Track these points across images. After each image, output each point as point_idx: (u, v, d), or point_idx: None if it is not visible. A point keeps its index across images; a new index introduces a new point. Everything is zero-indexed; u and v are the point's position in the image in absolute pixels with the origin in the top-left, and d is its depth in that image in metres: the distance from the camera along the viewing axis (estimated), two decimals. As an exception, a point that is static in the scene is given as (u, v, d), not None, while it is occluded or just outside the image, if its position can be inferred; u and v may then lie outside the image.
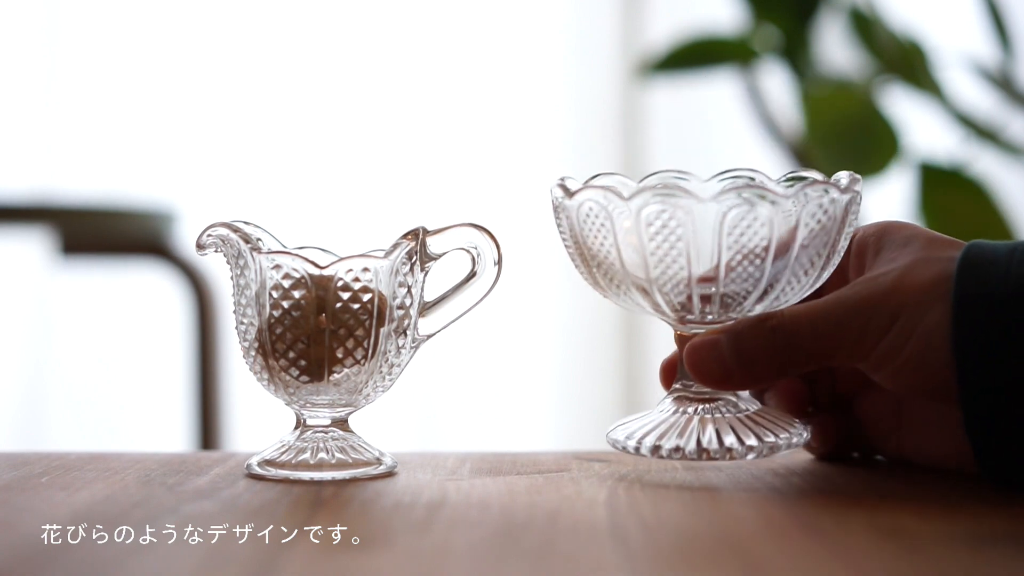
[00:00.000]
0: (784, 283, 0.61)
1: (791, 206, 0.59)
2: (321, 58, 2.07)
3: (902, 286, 0.59)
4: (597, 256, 0.62)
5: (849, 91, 1.52)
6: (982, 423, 0.58)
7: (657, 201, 0.59)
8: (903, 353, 0.59)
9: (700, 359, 0.61)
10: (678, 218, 0.59)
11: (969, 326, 0.57)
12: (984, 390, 0.57)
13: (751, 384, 0.63)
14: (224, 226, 0.64)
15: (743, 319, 0.61)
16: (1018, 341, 0.57)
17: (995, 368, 0.57)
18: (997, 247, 0.59)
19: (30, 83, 2.03)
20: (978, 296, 0.57)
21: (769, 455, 0.61)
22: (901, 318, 0.59)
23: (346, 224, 2.03)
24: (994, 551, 0.49)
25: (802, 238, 0.60)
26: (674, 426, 0.62)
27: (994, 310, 0.57)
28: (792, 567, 0.47)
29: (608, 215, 0.60)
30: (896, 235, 0.63)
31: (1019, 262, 0.58)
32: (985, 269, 0.58)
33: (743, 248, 0.59)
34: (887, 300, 0.59)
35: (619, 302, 0.64)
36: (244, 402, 1.85)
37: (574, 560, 0.49)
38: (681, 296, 0.61)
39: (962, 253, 0.59)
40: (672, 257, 0.60)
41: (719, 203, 0.59)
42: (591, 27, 2.14)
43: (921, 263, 0.60)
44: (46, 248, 1.73)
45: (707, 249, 0.59)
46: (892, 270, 0.60)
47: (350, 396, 0.64)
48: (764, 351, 0.60)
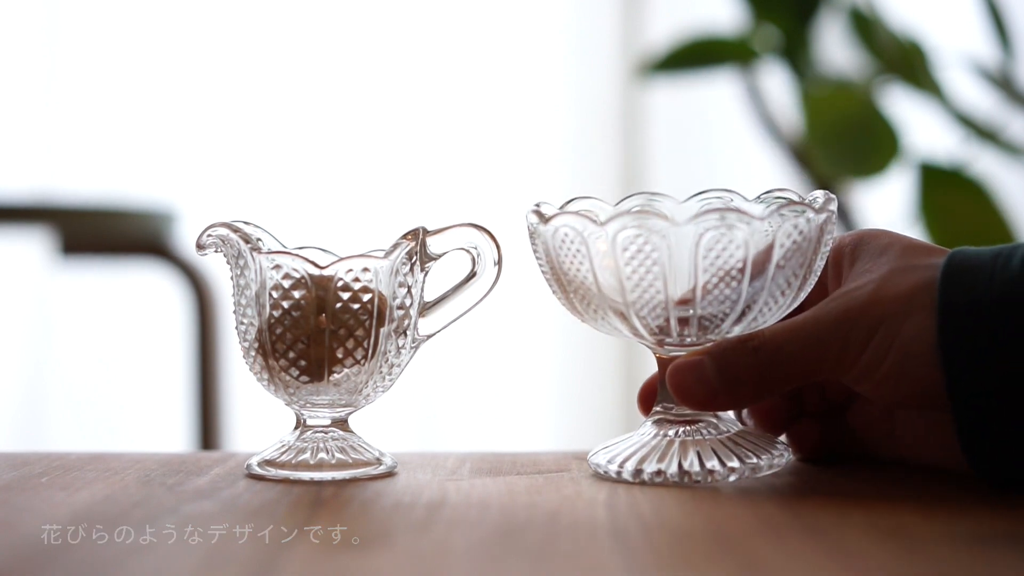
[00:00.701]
0: (762, 304, 0.61)
1: (767, 226, 0.59)
2: (321, 58, 2.07)
3: (879, 298, 0.59)
4: (574, 281, 0.62)
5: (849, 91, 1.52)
6: (973, 430, 0.58)
7: (632, 225, 0.59)
8: (884, 365, 0.59)
9: (684, 381, 0.61)
10: (653, 242, 0.59)
11: (955, 333, 0.57)
12: (973, 396, 0.57)
13: (735, 405, 0.63)
14: (224, 226, 0.64)
15: (724, 340, 0.61)
16: (1005, 346, 0.57)
17: (983, 374, 0.57)
18: (981, 252, 0.59)
19: (30, 83, 2.03)
20: (963, 303, 0.57)
21: (751, 476, 0.62)
22: (880, 330, 0.59)
23: (346, 224, 2.03)
24: (994, 551, 0.49)
25: (778, 258, 0.60)
26: (655, 449, 0.63)
27: (980, 316, 0.57)
28: (791, 567, 0.47)
29: (583, 240, 0.60)
30: (872, 244, 0.62)
31: (1003, 267, 0.58)
32: (970, 275, 0.58)
33: (719, 270, 0.59)
34: (865, 313, 0.59)
35: (597, 326, 0.63)
36: (244, 402, 1.85)
37: (574, 560, 0.49)
38: (659, 319, 0.61)
39: (945, 260, 0.59)
40: (648, 280, 0.60)
41: (695, 225, 0.59)
42: (591, 27, 2.14)
43: (898, 273, 0.60)
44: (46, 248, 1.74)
45: (684, 271, 0.59)
46: (868, 282, 0.60)
47: (350, 396, 0.64)
48: (748, 371, 0.61)
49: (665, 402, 0.64)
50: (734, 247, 0.59)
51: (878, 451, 0.67)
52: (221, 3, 2.06)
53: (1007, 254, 0.58)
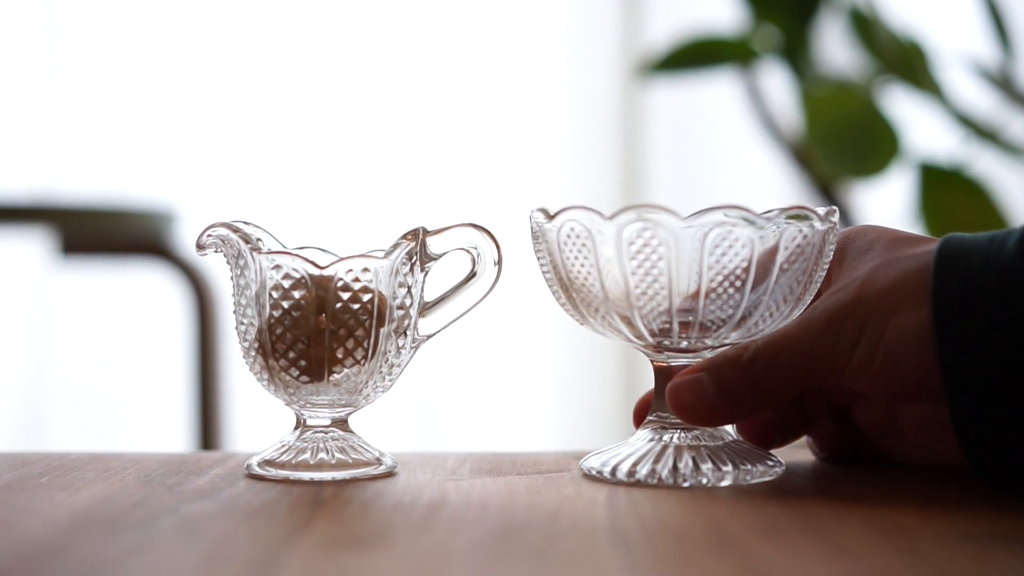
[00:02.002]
0: (763, 309, 0.61)
1: (773, 227, 0.59)
2: (321, 58, 2.07)
3: (863, 295, 0.59)
4: (576, 280, 0.62)
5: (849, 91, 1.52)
6: (969, 417, 0.57)
7: (639, 220, 0.59)
8: (876, 360, 0.59)
9: (683, 398, 0.61)
10: (660, 236, 0.59)
11: (950, 319, 0.57)
12: (969, 383, 0.57)
13: (736, 418, 0.63)
14: (224, 226, 0.64)
15: (719, 355, 0.61)
16: (1001, 331, 0.56)
17: (979, 360, 0.56)
18: (975, 238, 0.59)
19: (30, 83, 2.04)
20: (958, 288, 0.57)
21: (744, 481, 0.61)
22: (867, 327, 0.59)
23: (346, 224, 2.04)
24: (994, 551, 0.49)
25: (782, 260, 0.60)
26: (650, 453, 0.63)
27: (976, 301, 0.57)
28: (791, 566, 0.47)
29: (589, 235, 0.60)
30: (857, 242, 0.63)
31: (997, 251, 0.57)
32: (964, 260, 0.58)
33: (724, 268, 0.59)
34: (852, 312, 0.59)
35: (597, 328, 0.63)
36: (244, 402, 1.86)
37: (574, 560, 0.49)
38: (661, 320, 0.61)
39: (939, 247, 0.59)
40: (653, 276, 0.60)
41: (702, 221, 0.59)
42: (591, 27, 2.14)
43: (881, 268, 0.60)
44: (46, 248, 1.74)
45: (689, 268, 0.59)
46: (853, 280, 0.60)
47: (350, 396, 0.64)
48: (746, 383, 0.61)
49: (660, 411, 0.64)
50: (740, 245, 0.59)
51: (887, 451, 0.67)
52: (221, 3, 2.06)
53: (1001, 238, 0.58)
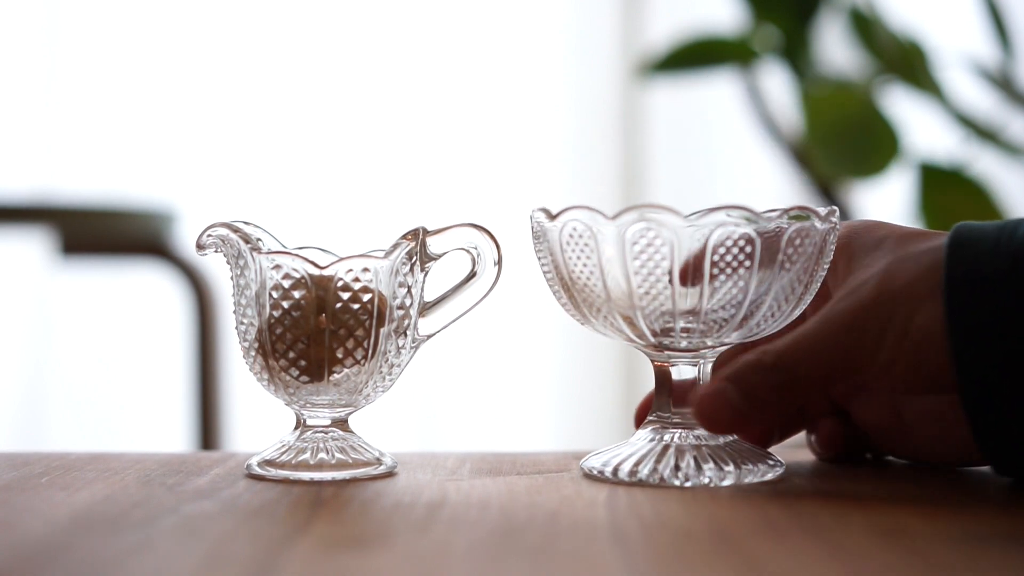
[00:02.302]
0: (765, 308, 0.60)
1: (775, 226, 0.59)
2: (321, 58, 2.07)
3: (884, 292, 0.59)
4: (578, 280, 0.62)
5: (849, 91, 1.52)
6: (980, 404, 0.57)
7: (641, 220, 0.59)
8: (902, 358, 0.59)
9: (708, 409, 0.61)
10: (663, 236, 0.59)
11: (961, 306, 0.57)
12: (980, 370, 0.57)
13: (762, 424, 0.63)
14: (224, 226, 0.64)
15: (739, 363, 0.61)
16: (1012, 318, 0.56)
17: (989, 347, 0.56)
18: (986, 226, 0.59)
19: (30, 83, 2.04)
20: (968, 275, 0.57)
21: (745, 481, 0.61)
22: (890, 325, 0.59)
23: (346, 224, 2.04)
24: (994, 551, 0.49)
25: (783, 260, 0.60)
26: (651, 453, 0.63)
27: (985, 288, 0.57)
28: (791, 567, 0.47)
29: (592, 235, 0.60)
30: (865, 238, 0.62)
31: (1008, 239, 0.57)
32: (974, 248, 0.58)
33: (728, 266, 0.59)
34: (874, 310, 0.59)
35: (599, 328, 0.63)
36: (244, 402, 1.86)
37: (574, 560, 0.49)
38: (662, 320, 0.61)
39: (950, 235, 0.59)
40: (656, 276, 0.60)
41: (704, 221, 0.59)
42: (591, 27, 2.14)
43: (897, 263, 0.60)
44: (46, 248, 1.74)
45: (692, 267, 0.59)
46: (870, 277, 0.60)
47: (350, 396, 0.64)
48: (771, 390, 0.60)
49: (660, 411, 0.64)
50: (741, 245, 0.59)
51: (890, 448, 0.66)
52: (221, 3, 2.06)
53: (1012, 227, 0.58)
